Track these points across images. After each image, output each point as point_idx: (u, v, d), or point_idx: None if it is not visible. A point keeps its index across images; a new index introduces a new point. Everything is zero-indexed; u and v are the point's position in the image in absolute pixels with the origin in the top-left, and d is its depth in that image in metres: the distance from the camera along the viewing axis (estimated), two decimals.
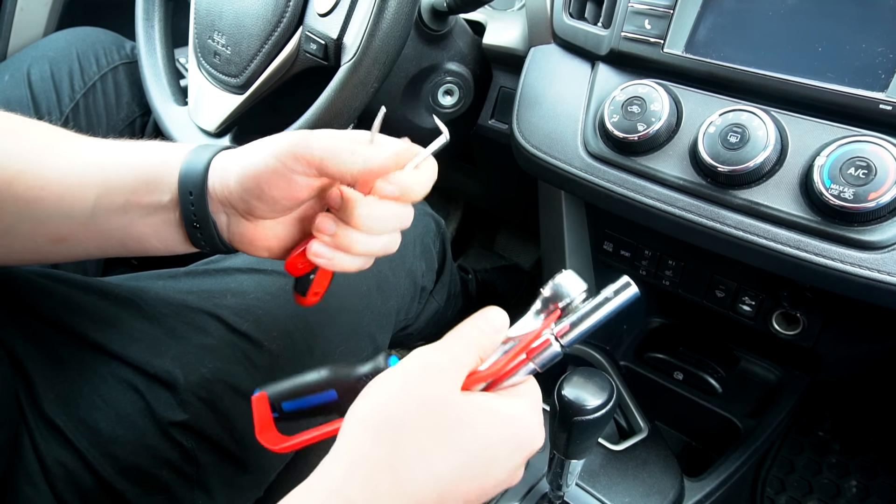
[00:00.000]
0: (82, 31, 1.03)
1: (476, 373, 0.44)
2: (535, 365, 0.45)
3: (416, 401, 0.40)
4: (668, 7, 0.65)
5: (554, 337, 0.45)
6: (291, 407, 0.49)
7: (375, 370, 0.47)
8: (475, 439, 0.40)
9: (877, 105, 0.54)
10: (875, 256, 0.54)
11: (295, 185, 0.46)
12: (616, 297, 0.45)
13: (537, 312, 0.47)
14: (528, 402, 0.44)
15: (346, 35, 0.67)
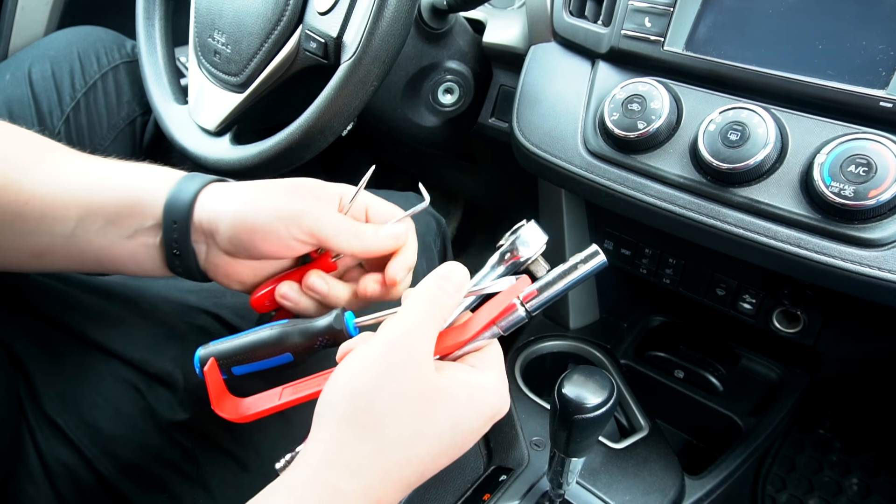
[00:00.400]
0: (83, 30, 1.03)
1: (444, 336, 0.45)
2: (500, 329, 0.45)
3: (394, 383, 0.40)
4: (669, 5, 0.65)
5: (520, 301, 0.45)
6: (243, 371, 0.49)
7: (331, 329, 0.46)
8: (452, 418, 0.41)
9: (877, 102, 0.54)
10: (875, 254, 0.54)
11: (289, 248, 0.48)
12: (584, 264, 0.45)
13: (495, 265, 0.48)
14: (495, 370, 0.45)
15: (346, 33, 0.67)
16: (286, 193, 0.49)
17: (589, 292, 0.99)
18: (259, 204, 0.48)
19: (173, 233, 0.50)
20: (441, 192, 1.65)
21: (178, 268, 0.52)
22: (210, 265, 0.52)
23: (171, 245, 0.50)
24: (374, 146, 1.52)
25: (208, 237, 0.50)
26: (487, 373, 0.44)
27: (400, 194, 0.91)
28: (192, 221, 0.49)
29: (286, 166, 0.72)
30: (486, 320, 0.45)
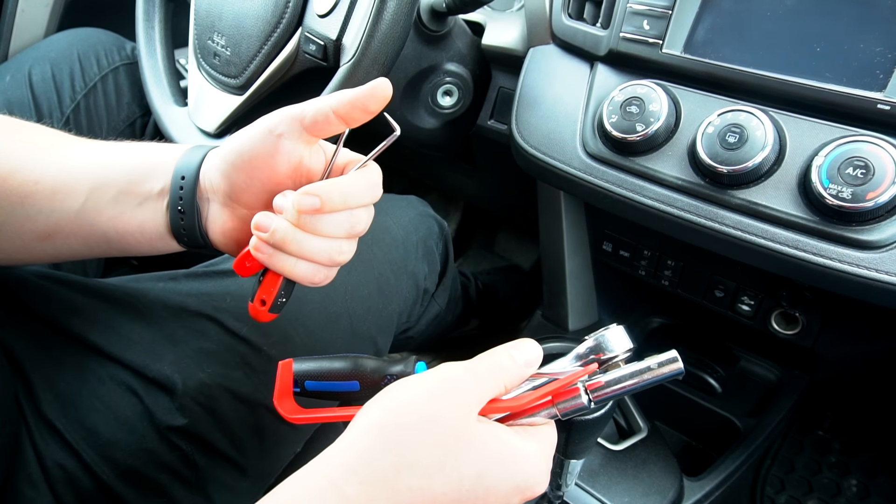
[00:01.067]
0: (83, 32, 1.04)
1: (498, 401, 0.43)
2: (558, 410, 0.43)
3: (430, 414, 0.39)
4: (667, 7, 0.65)
5: (584, 388, 0.43)
6: (314, 387, 0.49)
7: (403, 372, 0.47)
8: (478, 468, 0.40)
9: (875, 105, 0.54)
10: (873, 256, 0.54)
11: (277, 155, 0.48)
12: (659, 368, 0.43)
13: (576, 358, 0.46)
14: (541, 445, 0.43)
15: (345, 36, 0.67)
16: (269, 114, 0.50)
17: (587, 294, 0.99)
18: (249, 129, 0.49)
19: (180, 189, 0.51)
20: (440, 193, 1.66)
21: (182, 230, 0.52)
22: (210, 224, 0.52)
23: (177, 203, 0.51)
24: (373, 148, 1.52)
25: (210, 192, 0.51)
26: (531, 443, 0.43)
27: (400, 197, 0.91)
28: (199, 177, 0.51)
29: None
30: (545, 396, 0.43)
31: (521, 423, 0.44)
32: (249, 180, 0.49)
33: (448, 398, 0.40)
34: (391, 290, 0.80)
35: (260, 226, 0.48)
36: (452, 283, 1.02)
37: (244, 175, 0.49)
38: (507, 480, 0.41)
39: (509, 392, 0.44)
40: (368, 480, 0.38)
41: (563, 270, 0.95)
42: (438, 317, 0.99)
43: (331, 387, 0.49)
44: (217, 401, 0.64)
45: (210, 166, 0.51)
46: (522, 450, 0.42)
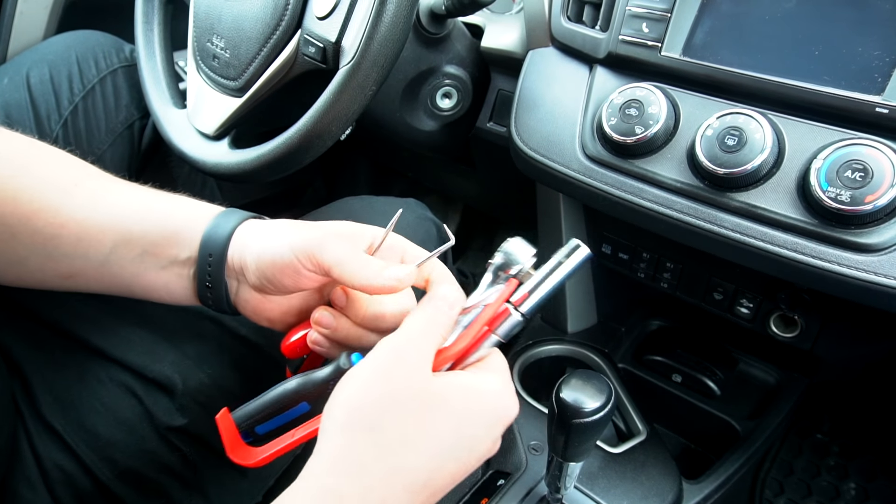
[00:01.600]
0: (82, 35, 1.03)
1: (442, 352, 0.45)
2: (499, 336, 0.45)
3: (390, 390, 0.40)
4: (666, 10, 0.65)
5: (513, 306, 0.45)
6: (266, 428, 0.49)
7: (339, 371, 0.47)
8: (454, 419, 0.41)
9: (873, 108, 0.54)
10: (872, 259, 0.54)
11: (302, 279, 0.48)
12: (568, 259, 0.45)
13: (490, 284, 0.48)
14: (497, 374, 0.45)
15: (344, 38, 0.67)
16: (309, 229, 0.49)
17: (587, 296, 0.99)
18: (280, 238, 0.48)
19: (207, 266, 0.51)
20: (439, 195, 1.66)
21: (209, 300, 0.53)
22: (240, 300, 0.53)
23: (205, 278, 0.51)
24: (373, 150, 1.52)
25: (239, 273, 0.51)
26: (489, 377, 0.44)
27: (399, 201, 0.91)
28: (226, 256, 0.50)
29: (284, 171, 0.72)
30: (481, 329, 0.45)
31: (471, 362, 0.46)
32: (281, 287, 0.50)
33: (397, 369, 0.41)
34: None
35: (322, 322, 0.49)
36: None
37: (274, 285, 0.49)
38: (481, 419, 0.42)
39: (447, 339, 0.45)
40: (356, 473, 0.38)
41: None
42: None
43: (282, 419, 0.49)
44: (217, 401, 0.64)
45: (241, 257, 0.50)
46: (482, 386, 0.43)
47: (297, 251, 0.47)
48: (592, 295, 0.99)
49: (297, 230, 0.49)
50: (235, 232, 0.51)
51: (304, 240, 0.47)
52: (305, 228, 0.49)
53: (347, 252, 0.46)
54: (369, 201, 0.87)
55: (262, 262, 0.48)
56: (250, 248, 0.50)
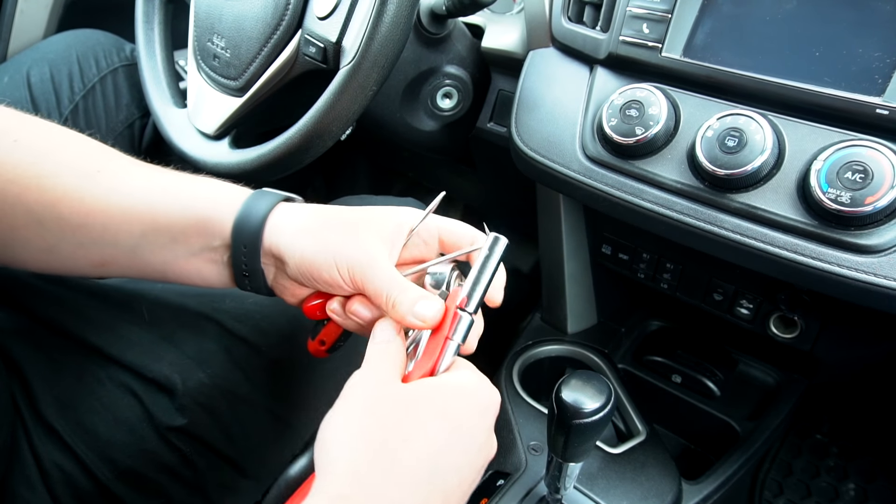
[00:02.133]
0: (82, 34, 1.04)
1: (412, 373, 0.46)
2: (457, 340, 0.47)
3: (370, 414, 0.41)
4: (667, 11, 0.65)
5: (459, 308, 0.47)
6: None
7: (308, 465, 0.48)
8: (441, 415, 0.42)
9: (873, 109, 0.54)
10: (872, 260, 0.54)
11: (340, 288, 0.49)
12: (493, 253, 0.48)
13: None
14: (469, 370, 0.46)
15: (345, 38, 0.67)
16: (351, 234, 0.49)
17: (587, 297, 0.99)
18: (323, 244, 0.49)
19: (242, 255, 0.51)
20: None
21: (248, 286, 0.53)
22: (278, 286, 0.54)
23: (241, 266, 0.51)
24: (373, 150, 1.52)
25: (276, 261, 0.51)
26: (462, 373, 0.45)
27: (397, 200, 0.91)
28: (261, 247, 0.50)
29: (285, 171, 0.72)
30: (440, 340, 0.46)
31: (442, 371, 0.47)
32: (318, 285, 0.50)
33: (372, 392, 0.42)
34: None
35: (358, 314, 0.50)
36: None
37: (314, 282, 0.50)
38: (467, 411, 0.43)
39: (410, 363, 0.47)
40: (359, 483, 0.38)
41: (563, 273, 0.95)
42: None
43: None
44: (216, 401, 0.64)
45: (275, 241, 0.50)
46: (459, 381, 0.44)
47: (342, 268, 0.48)
48: (592, 295, 0.99)
49: (340, 237, 0.49)
50: (268, 219, 0.50)
51: (349, 259, 0.48)
52: (349, 237, 0.49)
53: (385, 283, 0.47)
54: (368, 201, 0.87)
55: (303, 266, 0.49)
56: (291, 246, 0.49)
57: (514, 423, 0.82)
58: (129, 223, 0.50)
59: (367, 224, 0.50)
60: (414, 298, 0.46)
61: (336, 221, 0.50)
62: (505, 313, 1.36)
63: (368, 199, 0.87)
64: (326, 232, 0.49)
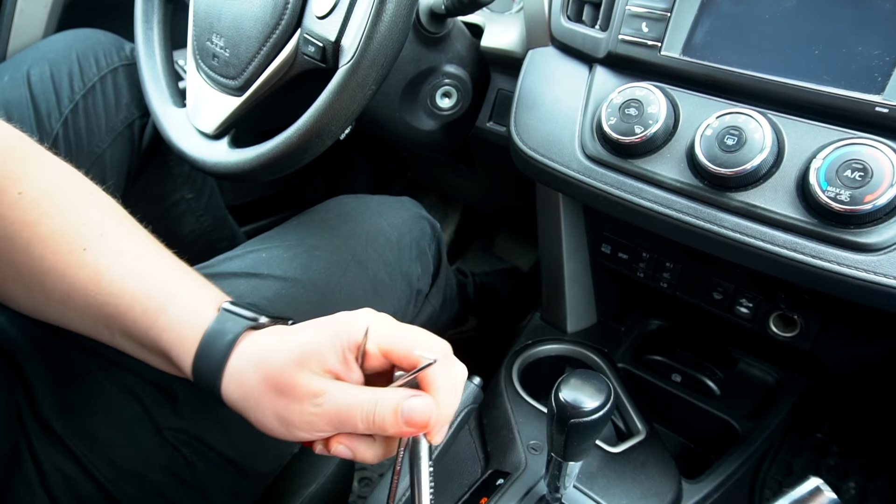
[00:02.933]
0: (82, 33, 1.03)
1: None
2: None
3: None
4: (666, 10, 0.65)
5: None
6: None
7: None
8: None
9: (873, 108, 0.54)
10: (871, 258, 0.54)
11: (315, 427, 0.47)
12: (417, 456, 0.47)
13: None
14: None
15: (344, 37, 0.67)
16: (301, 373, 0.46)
17: (586, 296, 0.99)
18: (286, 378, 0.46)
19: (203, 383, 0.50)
20: (439, 195, 1.66)
21: None
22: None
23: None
24: (372, 150, 1.52)
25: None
26: None
27: (394, 199, 0.91)
28: (220, 389, 0.49)
29: (283, 170, 0.72)
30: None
31: None
32: None
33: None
34: (385, 290, 0.80)
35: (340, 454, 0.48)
36: (447, 284, 1.02)
37: None
38: None
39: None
40: None
41: (562, 272, 0.95)
42: (433, 317, 0.99)
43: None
44: (214, 402, 0.64)
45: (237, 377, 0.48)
46: None
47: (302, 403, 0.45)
48: (592, 294, 0.99)
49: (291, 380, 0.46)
50: (223, 377, 0.48)
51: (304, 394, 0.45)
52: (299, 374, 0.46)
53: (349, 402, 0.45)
54: (364, 200, 0.87)
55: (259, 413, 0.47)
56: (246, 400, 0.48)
57: (513, 422, 0.82)
58: (105, 321, 0.51)
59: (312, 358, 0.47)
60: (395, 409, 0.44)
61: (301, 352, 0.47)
62: (505, 313, 1.36)
63: (364, 198, 0.87)
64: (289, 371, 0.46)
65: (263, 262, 0.72)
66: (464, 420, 0.67)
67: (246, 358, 0.48)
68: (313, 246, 0.76)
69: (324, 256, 0.75)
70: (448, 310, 1.08)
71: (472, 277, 1.33)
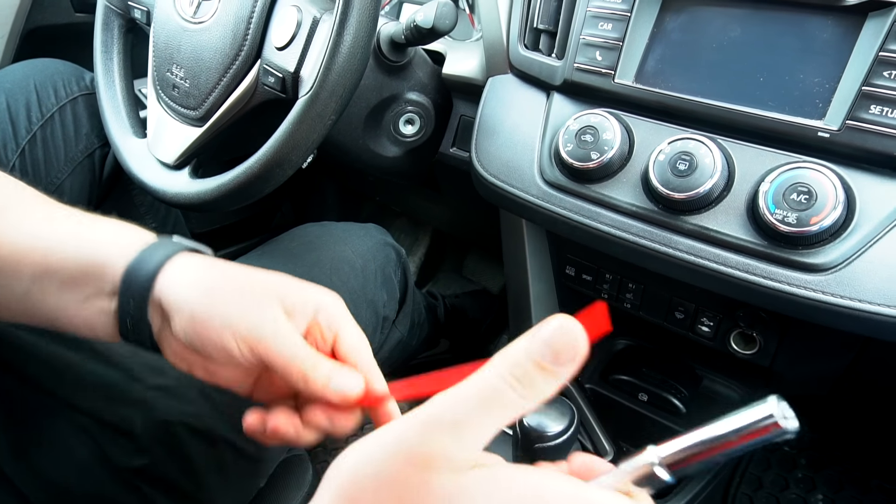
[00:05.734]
0: (41, 63, 1.02)
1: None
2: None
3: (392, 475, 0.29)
4: (618, 39, 0.67)
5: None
6: None
7: None
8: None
9: (815, 133, 0.56)
10: (820, 278, 0.56)
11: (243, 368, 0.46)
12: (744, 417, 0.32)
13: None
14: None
15: (303, 68, 0.67)
16: (249, 300, 0.44)
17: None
18: (215, 307, 0.44)
19: (129, 306, 0.47)
20: (408, 218, 1.66)
21: (131, 338, 0.49)
22: (164, 345, 0.49)
23: (126, 318, 0.48)
24: (341, 174, 1.52)
25: (164, 317, 0.47)
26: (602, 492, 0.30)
27: (358, 226, 0.91)
28: (149, 302, 0.46)
29: (245, 200, 0.72)
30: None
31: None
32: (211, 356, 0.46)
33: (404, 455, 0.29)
34: None
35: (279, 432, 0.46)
36: (414, 309, 1.02)
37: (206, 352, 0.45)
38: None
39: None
40: None
41: (528, 294, 0.95)
42: (402, 343, 0.99)
43: None
44: (177, 438, 0.62)
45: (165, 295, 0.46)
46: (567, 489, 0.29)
47: (240, 341, 0.43)
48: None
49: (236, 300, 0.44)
50: (159, 274, 0.46)
51: (249, 330, 0.43)
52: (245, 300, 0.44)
53: (291, 352, 0.43)
54: (328, 228, 0.87)
55: (191, 329, 0.44)
56: (180, 304, 0.45)
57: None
58: (20, 265, 0.47)
59: (279, 291, 0.46)
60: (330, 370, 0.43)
61: (237, 283, 0.46)
62: (476, 334, 1.36)
63: (328, 225, 0.87)
64: (223, 294, 0.45)
65: None
66: None
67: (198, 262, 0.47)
68: None
69: None
70: (417, 334, 1.08)
71: (442, 300, 1.33)
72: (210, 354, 0.45)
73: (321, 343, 0.47)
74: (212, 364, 0.47)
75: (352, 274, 0.81)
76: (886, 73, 0.53)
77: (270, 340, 0.43)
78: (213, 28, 0.74)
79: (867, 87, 0.54)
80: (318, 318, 0.47)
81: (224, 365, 0.47)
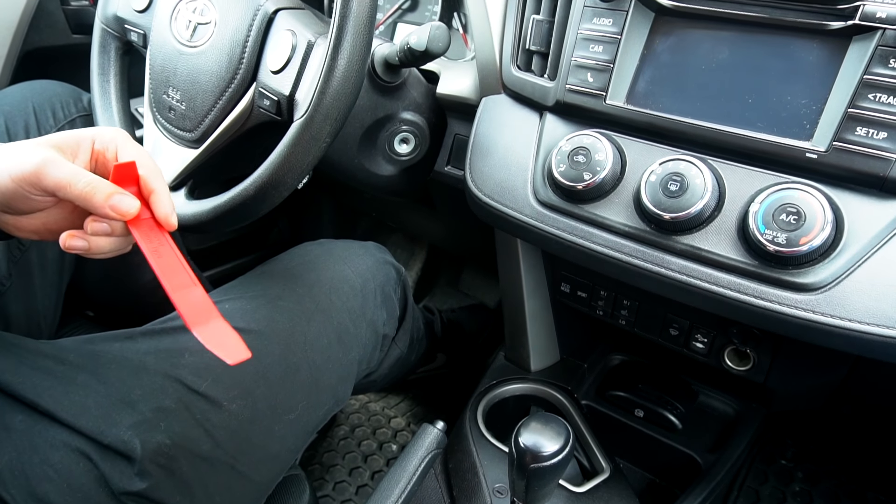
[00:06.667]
0: (39, 85, 1.03)
1: None
2: None
3: None
4: (609, 61, 0.68)
5: None
6: None
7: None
8: None
9: (803, 153, 0.57)
10: (810, 298, 0.57)
11: (36, 202, 0.50)
12: None
13: None
14: None
15: (297, 91, 0.68)
16: (22, 148, 0.50)
17: (548, 334, 1.00)
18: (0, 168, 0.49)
19: None
20: (404, 233, 1.67)
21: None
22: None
23: None
24: (337, 191, 1.53)
25: None
26: None
27: (358, 244, 0.92)
28: None
29: (241, 221, 0.72)
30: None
31: None
32: (20, 212, 0.52)
33: None
34: (350, 338, 0.80)
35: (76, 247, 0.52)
36: (413, 326, 1.02)
37: (9, 205, 0.50)
38: None
39: None
40: None
41: (523, 311, 0.96)
42: (400, 359, 0.99)
43: None
44: (177, 461, 0.62)
45: None
46: None
47: (18, 180, 0.48)
48: (554, 332, 1.00)
49: (14, 156, 0.49)
50: None
51: (21, 166, 0.48)
52: (23, 152, 0.49)
53: (68, 174, 0.48)
54: (328, 247, 0.87)
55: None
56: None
57: (478, 465, 0.82)
58: None
59: (43, 140, 0.51)
60: (107, 188, 0.48)
61: (17, 147, 0.50)
62: (473, 349, 1.36)
63: (328, 243, 0.87)
64: (3, 158, 0.49)
65: (226, 313, 0.72)
66: (429, 465, 0.67)
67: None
68: (277, 296, 0.76)
69: (287, 307, 0.75)
70: (416, 350, 1.08)
71: (439, 314, 1.33)
72: (9, 206, 0.50)
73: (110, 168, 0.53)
74: (21, 220, 0.53)
75: (351, 294, 0.81)
76: (871, 96, 0.54)
77: (44, 170, 0.48)
78: (209, 52, 0.75)
79: (853, 109, 0.55)
80: (96, 148, 0.54)
81: (30, 216, 0.53)
